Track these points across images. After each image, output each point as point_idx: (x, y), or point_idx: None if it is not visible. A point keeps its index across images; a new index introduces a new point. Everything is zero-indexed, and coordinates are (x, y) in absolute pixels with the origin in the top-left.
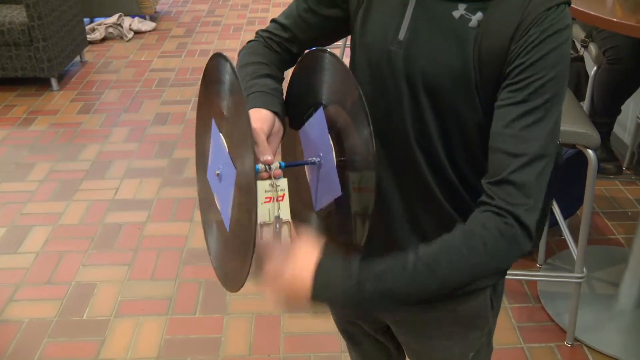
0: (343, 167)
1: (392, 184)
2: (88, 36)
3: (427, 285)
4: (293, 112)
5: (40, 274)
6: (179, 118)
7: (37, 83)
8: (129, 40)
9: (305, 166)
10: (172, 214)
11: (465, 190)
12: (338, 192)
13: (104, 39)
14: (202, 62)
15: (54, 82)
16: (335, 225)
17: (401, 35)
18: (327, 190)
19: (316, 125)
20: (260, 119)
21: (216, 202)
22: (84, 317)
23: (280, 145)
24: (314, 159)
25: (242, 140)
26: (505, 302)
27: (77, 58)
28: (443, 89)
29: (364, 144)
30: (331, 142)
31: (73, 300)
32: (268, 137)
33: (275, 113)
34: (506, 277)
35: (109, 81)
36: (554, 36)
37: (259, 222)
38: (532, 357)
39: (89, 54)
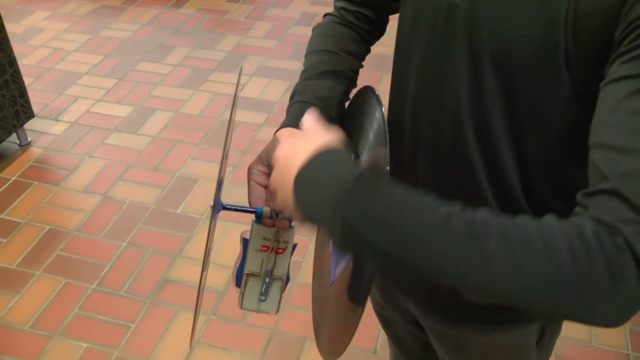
0: None
1: (436, 185)
2: None
3: (454, 253)
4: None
5: (150, 158)
6: None
7: None
8: None
9: None
10: None
11: (535, 213)
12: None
13: None
14: None
15: None
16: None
17: None
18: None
19: None
20: None
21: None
22: (178, 211)
23: None
24: None
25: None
26: None
27: None
28: (517, 63)
29: None
30: None
31: (173, 191)
32: None
33: None
34: None
35: None
36: None
37: (245, 271)
38: None
39: None
